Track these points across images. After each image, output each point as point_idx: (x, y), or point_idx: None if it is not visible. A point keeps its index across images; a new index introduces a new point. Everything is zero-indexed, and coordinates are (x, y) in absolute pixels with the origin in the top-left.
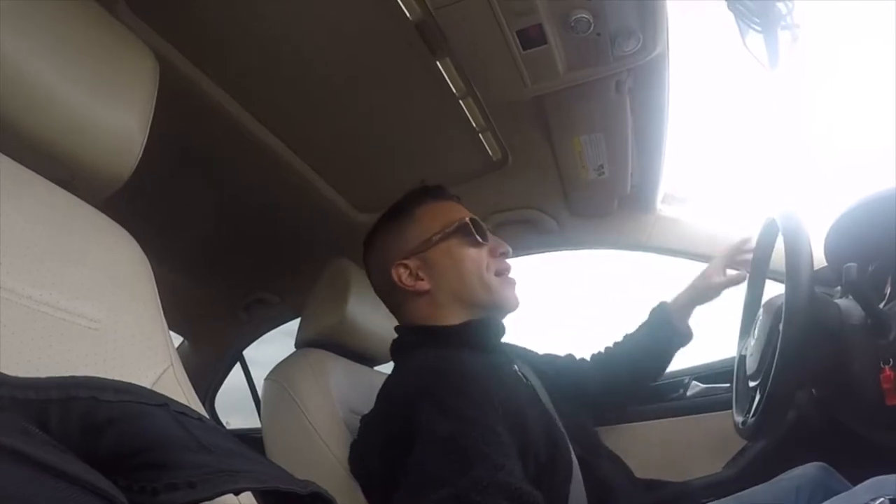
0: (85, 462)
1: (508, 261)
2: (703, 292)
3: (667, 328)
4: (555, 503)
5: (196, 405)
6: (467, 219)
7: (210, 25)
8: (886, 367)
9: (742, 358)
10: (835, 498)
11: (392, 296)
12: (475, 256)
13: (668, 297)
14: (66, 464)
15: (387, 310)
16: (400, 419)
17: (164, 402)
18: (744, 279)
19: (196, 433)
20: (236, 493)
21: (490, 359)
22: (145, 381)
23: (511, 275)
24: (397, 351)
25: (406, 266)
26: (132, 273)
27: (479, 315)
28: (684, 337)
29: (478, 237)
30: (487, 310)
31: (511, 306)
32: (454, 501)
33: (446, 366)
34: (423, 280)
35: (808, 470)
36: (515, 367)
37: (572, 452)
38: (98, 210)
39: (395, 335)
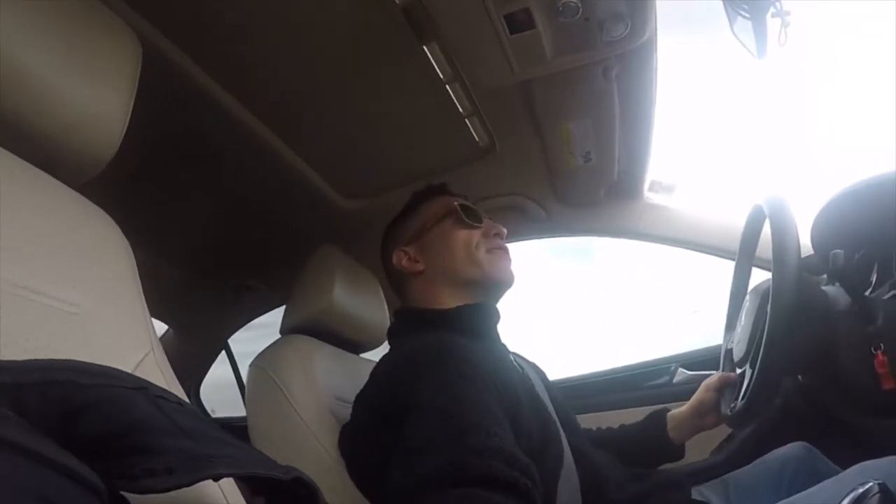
0: (63, 447)
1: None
2: (705, 405)
3: (660, 441)
4: (546, 488)
5: (177, 391)
6: (456, 203)
7: (195, 9)
8: (878, 352)
9: (728, 352)
10: (823, 483)
11: (396, 281)
12: (465, 237)
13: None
14: (44, 448)
15: (373, 296)
16: (395, 398)
17: (143, 386)
18: None
19: (175, 417)
20: (216, 479)
21: (484, 344)
22: (126, 366)
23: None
24: (393, 332)
25: (405, 252)
26: (113, 258)
27: (474, 298)
28: (674, 455)
29: (468, 220)
30: (480, 286)
31: (503, 279)
32: (448, 466)
33: (442, 346)
34: (418, 262)
35: (792, 450)
36: (511, 356)
37: (564, 440)
38: (79, 194)
39: (383, 321)
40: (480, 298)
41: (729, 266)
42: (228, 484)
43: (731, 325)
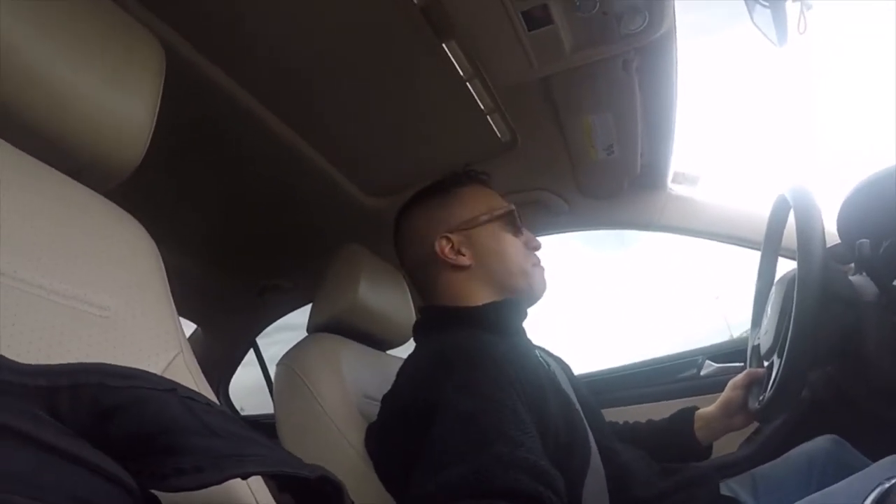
0: (95, 447)
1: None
2: (733, 403)
3: (686, 440)
4: (572, 486)
5: (206, 391)
6: (513, 208)
7: (216, 13)
8: None
9: (755, 348)
10: (851, 477)
11: (427, 269)
12: (517, 246)
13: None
14: (78, 448)
15: (398, 293)
16: (420, 396)
17: (173, 388)
18: None
19: (204, 418)
20: (244, 478)
21: (511, 341)
22: (155, 368)
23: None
24: (419, 330)
25: (449, 239)
26: (141, 261)
27: (505, 297)
28: (699, 455)
29: (519, 227)
30: (519, 294)
31: (541, 293)
32: (475, 476)
33: (468, 345)
34: (464, 255)
35: (821, 443)
36: (538, 352)
37: (591, 438)
38: (106, 199)
39: (409, 318)
40: (511, 298)
41: (752, 255)
42: (257, 482)
43: (756, 322)
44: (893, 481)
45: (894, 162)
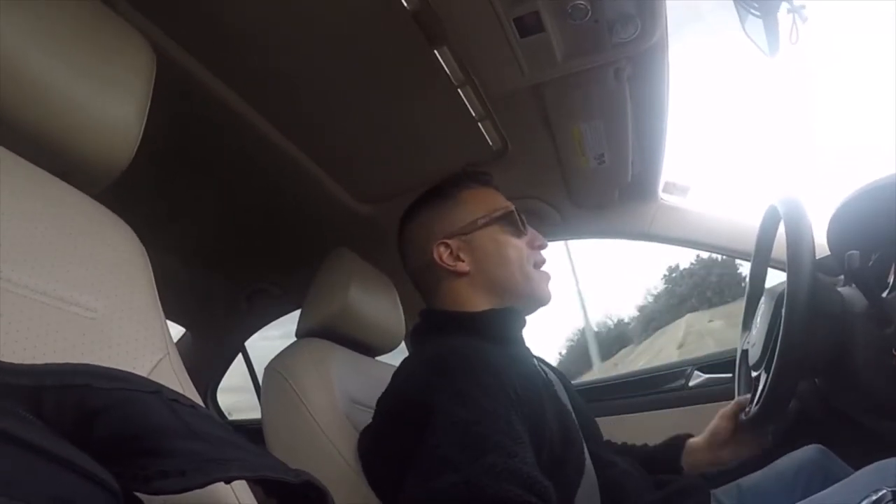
0: (79, 448)
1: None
2: (720, 435)
3: (672, 470)
4: (565, 496)
5: (192, 394)
6: (513, 208)
7: (208, 17)
8: None
9: (744, 353)
10: (837, 485)
11: (427, 275)
12: (517, 245)
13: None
14: (60, 449)
15: (388, 300)
16: (416, 400)
17: (157, 390)
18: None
19: (188, 420)
20: (227, 482)
21: (509, 350)
22: (141, 370)
23: (545, 269)
24: (416, 334)
25: (447, 245)
26: (129, 263)
27: (506, 304)
28: None
29: (520, 227)
30: (521, 300)
31: (545, 300)
32: (466, 486)
33: (466, 352)
34: (463, 262)
35: (807, 453)
36: (535, 361)
37: (585, 448)
38: (95, 201)
39: (398, 324)
40: (512, 306)
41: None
42: (240, 486)
43: (746, 326)
44: (880, 494)
45: (887, 173)
